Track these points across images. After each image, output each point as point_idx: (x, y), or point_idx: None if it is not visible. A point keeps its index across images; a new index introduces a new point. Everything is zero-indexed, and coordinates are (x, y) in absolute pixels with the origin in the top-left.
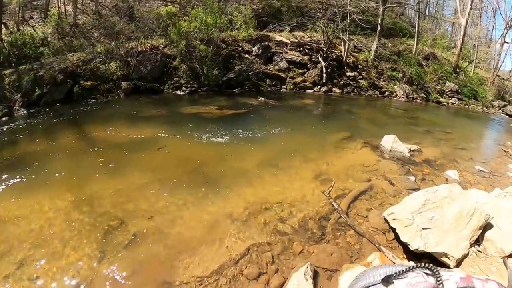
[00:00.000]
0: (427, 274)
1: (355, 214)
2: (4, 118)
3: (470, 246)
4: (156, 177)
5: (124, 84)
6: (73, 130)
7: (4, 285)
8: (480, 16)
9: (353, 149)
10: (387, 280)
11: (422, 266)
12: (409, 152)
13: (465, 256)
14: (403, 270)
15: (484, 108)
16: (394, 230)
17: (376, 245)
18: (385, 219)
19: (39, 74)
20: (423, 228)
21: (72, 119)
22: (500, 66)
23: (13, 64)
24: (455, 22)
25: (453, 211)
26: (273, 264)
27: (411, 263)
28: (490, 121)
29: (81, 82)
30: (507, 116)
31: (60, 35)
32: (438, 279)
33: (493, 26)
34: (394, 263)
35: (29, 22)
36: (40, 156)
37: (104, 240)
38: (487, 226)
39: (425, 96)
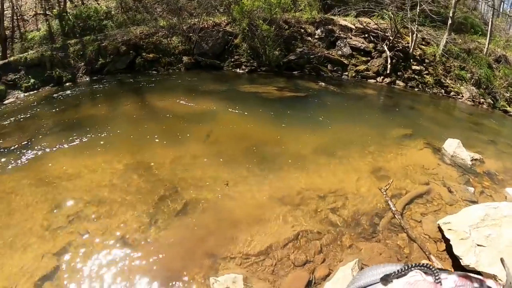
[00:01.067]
0: (425, 273)
1: (409, 217)
2: (68, 83)
3: None
4: (213, 150)
5: (185, 58)
6: (134, 98)
7: (55, 237)
8: None
9: (413, 148)
10: (386, 279)
11: (420, 265)
12: (471, 160)
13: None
14: (401, 269)
15: None
16: (447, 240)
17: (426, 253)
18: (439, 227)
19: (103, 44)
20: (478, 245)
21: (133, 88)
22: None
23: (77, 35)
24: None
25: (511, 232)
26: (321, 254)
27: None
28: None
29: (143, 54)
30: None
31: (123, 9)
32: (437, 277)
33: None
34: None
35: None
36: (101, 120)
37: (157, 205)
38: None
39: (492, 102)
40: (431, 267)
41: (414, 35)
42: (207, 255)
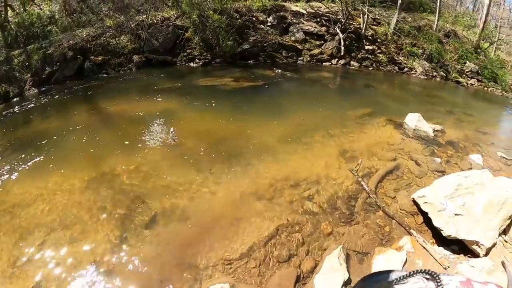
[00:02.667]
0: (427, 279)
1: (383, 195)
2: (15, 99)
3: (498, 236)
4: (176, 152)
5: (135, 57)
6: (86, 106)
7: (24, 269)
8: None
9: (376, 126)
10: (388, 286)
11: (422, 271)
12: (433, 132)
13: (493, 245)
14: (404, 276)
15: (504, 92)
16: (424, 213)
17: (406, 228)
18: (414, 201)
19: (48, 52)
20: (455, 214)
21: (85, 95)
22: None
23: (21, 45)
24: (477, 0)
25: (484, 198)
26: (303, 246)
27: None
28: (509, 106)
29: (92, 57)
30: None
31: (67, 12)
32: (439, 283)
33: None
34: (424, 248)
35: (35, 1)
36: (54, 134)
37: (125, 221)
38: None
39: (444, 74)
40: (433, 273)
41: (365, 16)
42: (187, 267)
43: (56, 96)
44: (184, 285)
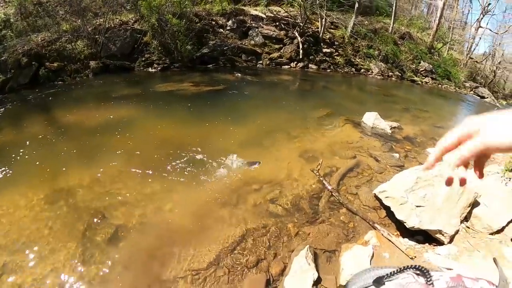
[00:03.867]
0: (417, 274)
1: (345, 192)
2: None
3: (460, 223)
4: (135, 161)
5: (92, 63)
6: (42, 116)
7: None
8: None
9: (335, 126)
10: (378, 281)
11: (413, 267)
12: (390, 129)
13: (456, 232)
14: (394, 272)
15: (457, 88)
16: (386, 207)
17: (370, 223)
18: (375, 196)
19: (2, 58)
20: (417, 206)
21: (40, 104)
22: (474, 49)
23: None
24: (431, 4)
25: (444, 189)
26: (271, 249)
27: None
28: (463, 101)
29: (47, 63)
30: (478, 98)
31: (23, 16)
32: (429, 279)
33: (469, 10)
34: (390, 240)
35: None
36: (7, 148)
37: (85, 237)
38: (474, 204)
39: (400, 74)
40: (423, 269)
41: (323, 20)
42: (154, 281)
43: (10, 107)
44: None
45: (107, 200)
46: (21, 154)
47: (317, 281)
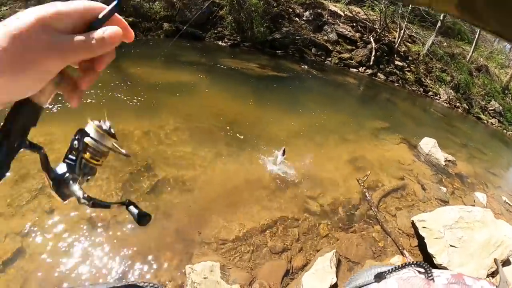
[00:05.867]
0: (419, 271)
1: (384, 210)
2: None
3: (486, 276)
4: (189, 124)
5: (166, 25)
6: (109, 63)
7: (19, 217)
8: None
9: (390, 142)
10: (379, 276)
11: (414, 263)
12: (444, 161)
13: None
14: (395, 268)
15: None
16: (419, 237)
17: (400, 248)
18: (413, 223)
19: None
20: (451, 245)
21: None
22: None
23: None
24: None
25: (482, 236)
26: (298, 242)
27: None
28: None
29: (122, 16)
30: None
31: None
32: (429, 274)
33: None
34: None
35: None
36: None
37: (127, 183)
38: (506, 262)
39: (467, 107)
40: (424, 265)
41: (402, 31)
42: (180, 238)
43: None
44: (176, 256)
45: (155, 154)
46: (85, 94)
47: (334, 286)
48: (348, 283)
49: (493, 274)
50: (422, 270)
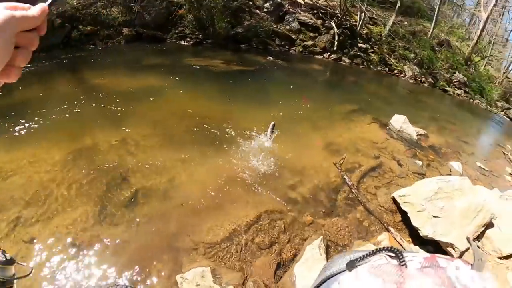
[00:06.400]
0: (390, 256)
1: (364, 190)
2: None
3: (473, 240)
4: (159, 130)
5: (125, 30)
6: (72, 77)
7: None
8: (502, 14)
9: (361, 123)
10: (351, 265)
11: (385, 249)
12: (416, 135)
13: (467, 249)
14: (366, 254)
15: (488, 106)
16: (403, 212)
17: (385, 225)
18: (394, 199)
19: None
20: (433, 216)
21: (70, 65)
22: None
23: None
24: (475, 14)
25: (462, 204)
26: (285, 234)
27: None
28: (491, 120)
29: (80, 27)
30: (508, 120)
31: None
32: (402, 260)
33: None
34: (401, 245)
35: None
36: (36, 105)
37: (104, 197)
38: (489, 225)
39: (432, 81)
40: (395, 250)
41: (363, 14)
42: (167, 248)
43: (42, 65)
44: (165, 266)
45: (128, 164)
46: (48, 111)
47: None
48: (324, 270)
49: (478, 238)
50: (393, 255)
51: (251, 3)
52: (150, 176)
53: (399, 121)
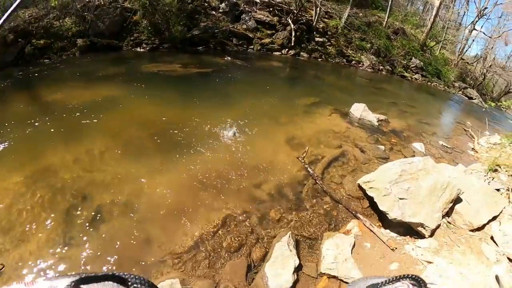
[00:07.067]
0: (413, 285)
1: (329, 181)
2: None
3: (442, 218)
4: (118, 142)
5: (79, 41)
6: (26, 95)
7: None
8: (454, 0)
9: (322, 115)
10: None
11: (409, 277)
12: (377, 121)
13: (438, 227)
14: (388, 280)
15: (446, 87)
16: (370, 198)
17: (353, 212)
18: (359, 186)
19: None
20: (400, 198)
21: (24, 83)
22: (466, 50)
23: None
24: (428, 2)
25: (428, 183)
26: (252, 234)
27: (395, 275)
28: (450, 100)
29: (33, 41)
30: (466, 98)
31: None
32: None
33: (464, 12)
34: (371, 231)
35: None
36: None
37: (66, 219)
38: (457, 200)
39: (390, 69)
40: (418, 279)
41: (318, 8)
42: (134, 263)
43: None
44: None
45: (88, 181)
46: (3, 133)
47: (298, 268)
48: None
49: (447, 214)
50: (416, 283)
51: (206, 4)
52: (112, 190)
53: (359, 109)
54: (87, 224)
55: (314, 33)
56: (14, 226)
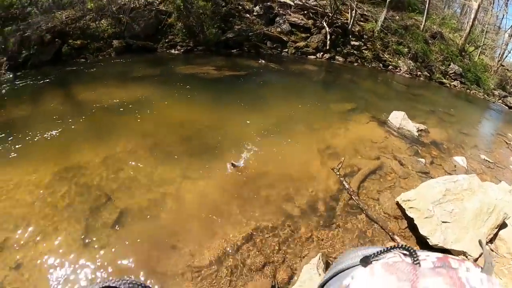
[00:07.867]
0: (404, 254)
1: (365, 196)
2: None
3: (486, 244)
4: (148, 144)
5: (115, 42)
6: (61, 93)
7: None
8: (492, 3)
9: (359, 122)
10: (365, 260)
11: (399, 246)
12: (417, 131)
13: (480, 255)
14: (381, 251)
15: (485, 95)
16: (409, 218)
17: (390, 234)
18: (398, 204)
19: (26, 34)
20: (443, 222)
21: (60, 81)
22: (506, 56)
23: None
24: (465, 4)
25: (473, 205)
26: (280, 253)
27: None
28: (490, 109)
29: (70, 41)
30: (506, 107)
31: None
32: (415, 259)
33: (503, 15)
34: None
35: None
36: (24, 122)
37: (89, 219)
38: (502, 225)
39: (428, 74)
40: (409, 248)
41: (353, 11)
42: (151, 273)
43: (30, 82)
44: None
45: (115, 182)
46: (37, 129)
47: None
48: (335, 264)
49: (491, 241)
50: (407, 253)
51: (240, 7)
52: (135, 195)
53: (398, 118)
54: (109, 226)
55: (350, 36)
56: (37, 221)
